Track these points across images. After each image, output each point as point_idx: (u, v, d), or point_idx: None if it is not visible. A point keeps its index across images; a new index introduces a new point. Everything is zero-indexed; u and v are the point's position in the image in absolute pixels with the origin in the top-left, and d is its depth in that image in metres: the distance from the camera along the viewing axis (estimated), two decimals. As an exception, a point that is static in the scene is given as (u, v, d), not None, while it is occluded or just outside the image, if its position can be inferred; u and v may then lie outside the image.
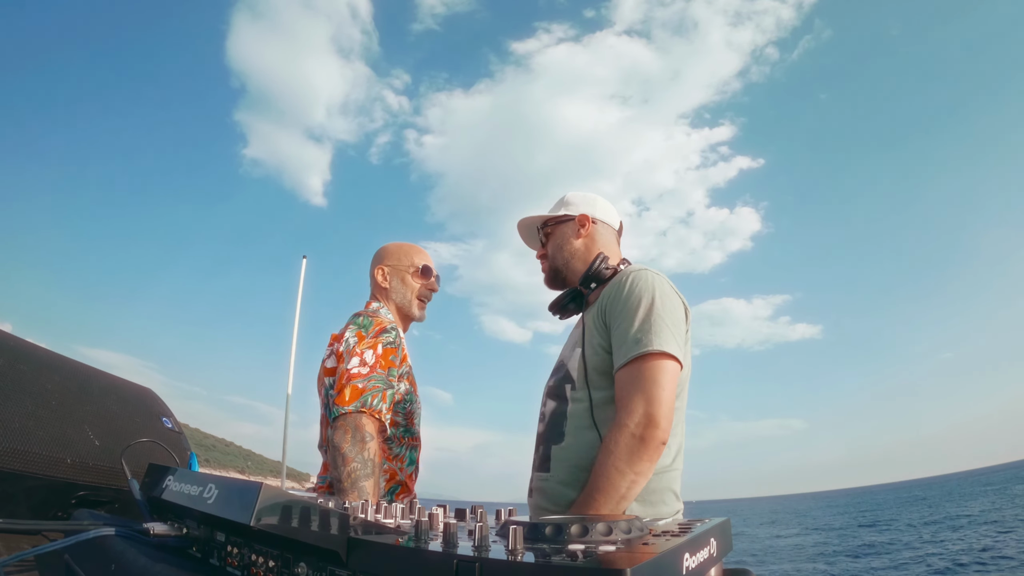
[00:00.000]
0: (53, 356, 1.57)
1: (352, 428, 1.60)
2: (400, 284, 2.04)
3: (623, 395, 1.34)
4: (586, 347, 1.49)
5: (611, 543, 0.60)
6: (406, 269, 2.05)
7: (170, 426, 1.81)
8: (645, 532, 0.66)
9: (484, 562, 0.54)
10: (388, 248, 2.11)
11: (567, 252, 1.70)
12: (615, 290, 1.48)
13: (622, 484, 1.26)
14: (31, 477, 1.27)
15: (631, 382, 1.34)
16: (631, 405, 1.30)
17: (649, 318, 1.38)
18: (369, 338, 1.79)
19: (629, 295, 1.44)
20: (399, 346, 1.85)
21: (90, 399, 1.56)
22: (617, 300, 1.45)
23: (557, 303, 1.71)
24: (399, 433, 1.88)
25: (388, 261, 2.07)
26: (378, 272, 2.05)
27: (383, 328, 1.83)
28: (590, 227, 1.70)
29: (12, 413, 1.28)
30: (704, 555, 0.64)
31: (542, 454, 1.51)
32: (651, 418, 1.28)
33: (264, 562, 0.74)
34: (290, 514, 0.68)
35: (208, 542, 0.85)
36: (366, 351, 1.75)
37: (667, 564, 0.55)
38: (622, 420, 1.30)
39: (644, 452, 1.27)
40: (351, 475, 1.53)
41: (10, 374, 1.35)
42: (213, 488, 0.78)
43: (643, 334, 1.36)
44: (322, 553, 0.68)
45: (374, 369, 1.72)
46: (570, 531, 0.62)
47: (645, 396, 1.30)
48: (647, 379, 1.32)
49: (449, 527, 0.63)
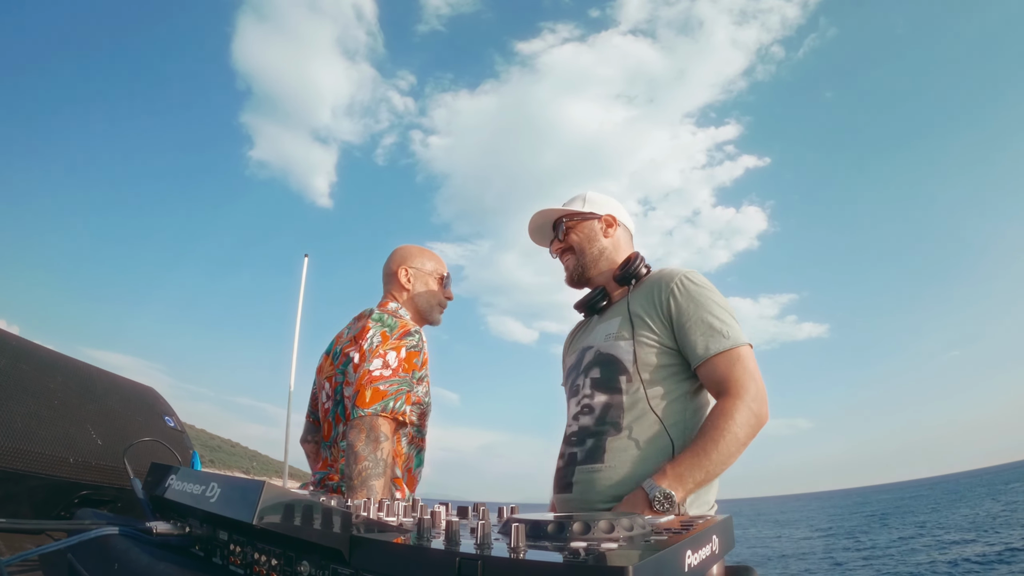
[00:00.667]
0: (55, 356, 1.57)
1: (368, 428, 1.60)
2: (424, 288, 2.02)
3: (730, 376, 1.41)
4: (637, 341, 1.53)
5: (613, 541, 0.60)
6: (430, 274, 2.04)
7: (172, 425, 1.81)
8: (647, 530, 0.66)
9: (486, 560, 0.54)
10: (411, 250, 2.09)
11: (596, 250, 1.73)
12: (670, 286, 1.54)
13: (734, 448, 1.35)
14: (34, 476, 1.27)
15: (734, 365, 1.42)
16: (743, 383, 1.39)
17: (726, 311, 1.49)
18: (393, 339, 1.77)
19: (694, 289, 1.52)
20: (422, 349, 1.83)
21: (92, 398, 1.57)
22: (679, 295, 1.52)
23: (586, 302, 1.76)
24: (412, 432, 1.88)
25: (413, 263, 2.04)
26: (402, 272, 2.02)
27: (407, 331, 1.81)
28: (617, 228, 1.75)
29: (14, 413, 1.28)
30: (706, 552, 0.64)
31: (592, 446, 1.52)
32: (763, 398, 1.40)
33: (267, 560, 0.74)
34: (292, 513, 0.68)
35: (211, 541, 0.85)
36: (389, 352, 1.73)
37: (669, 561, 0.55)
38: (740, 392, 1.38)
39: (757, 425, 1.38)
40: (362, 473, 1.54)
41: (12, 374, 1.35)
42: (216, 487, 0.78)
43: (727, 327, 1.46)
44: (325, 551, 0.68)
45: (396, 372, 1.70)
46: (572, 529, 0.62)
47: (753, 379, 1.41)
48: (749, 363, 1.43)
49: (451, 525, 0.63)
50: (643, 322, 1.54)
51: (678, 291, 1.52)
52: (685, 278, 1.54)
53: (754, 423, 1.37)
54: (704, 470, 1.33)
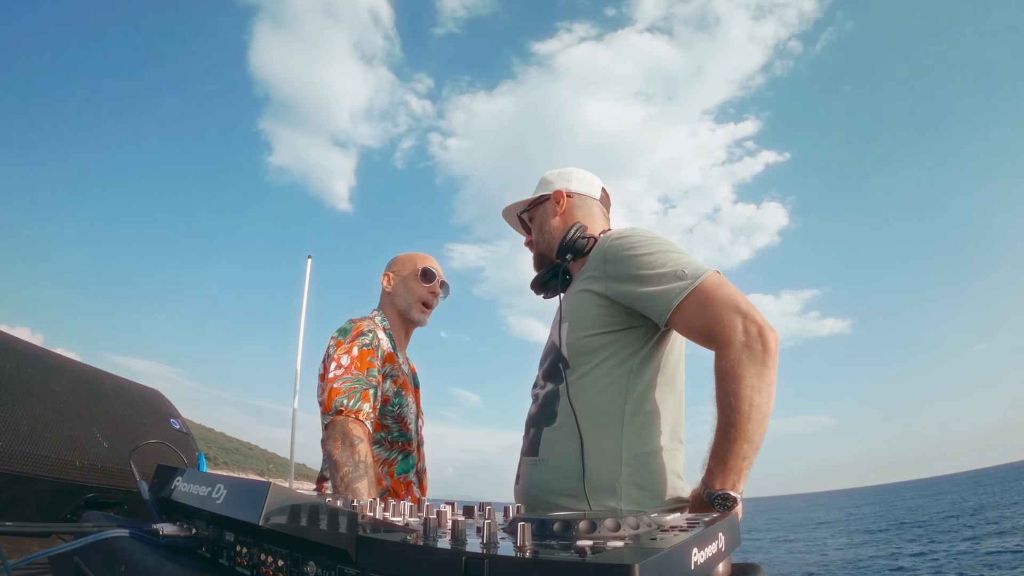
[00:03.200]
0: (61, 359, 1.58)
1: (341, 434, 1.62)
2: (403, 288, 2.06)
3: (707, 322, 1.20)
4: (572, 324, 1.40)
5: (619, 539, 0.60)
6: (408, 274, 2.07)
7: (178, 427, 1.82)
8: (653, 527, 0.66)
9: (493, 559, 0.54)
10: (398, 256, 2.14)
11: (547, 232, 1.62)
12: (607, 252, 1.38)
13: (762, 401, 1.14)
14: (40, 480, 1.28)
15: (706, 307, 1.21)
16: (727, 322, 1.17)
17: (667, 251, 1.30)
18: (346, 343, 1.81)
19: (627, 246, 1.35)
20: (377, 347, 1.86)
21: (98, 401, 1.57)
22: (614, 259, 1.35)
23: (537, 280, 1.63)
24: (391, 436, 1.88)
25: (393, 267, 2.11)
26: (384, 278, 2.10)
27: (360, 332, 1.85)
28: (565, 202, 1.61)
29: (20, 416, 1.29)
30: (712, 550, 0.64)
31: (532, 437, 1.42)
32: (756, 323, 1.16)
33: (273, 561, 0.74)
34: (299, 513, 0.68)
35: (217, 542, 0.85)
36: (342, 356, 1.78)
37: (675, 559, 0.55)
38: (728, 338, 1.16)
39: (768, 357, 1.15)
40: (344, 479, 1.55)
41: (18, 377, 1.35)
42: (222, 488, 0.78)
43: (674, 269, 1.26)
44: (331, 552, 0.68)
45: (348, 371, 1.74)
46: (578, 527, 0.62)
47: (733, 306, 1.18)
48: (723, 293, 1.20)
49: (457, 524, 0.63)
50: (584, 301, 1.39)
51: (608, 260, 1.37)
52: (612, 242, 1.39)
53: (763, 355, 1.14)
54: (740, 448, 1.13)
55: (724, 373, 1.16)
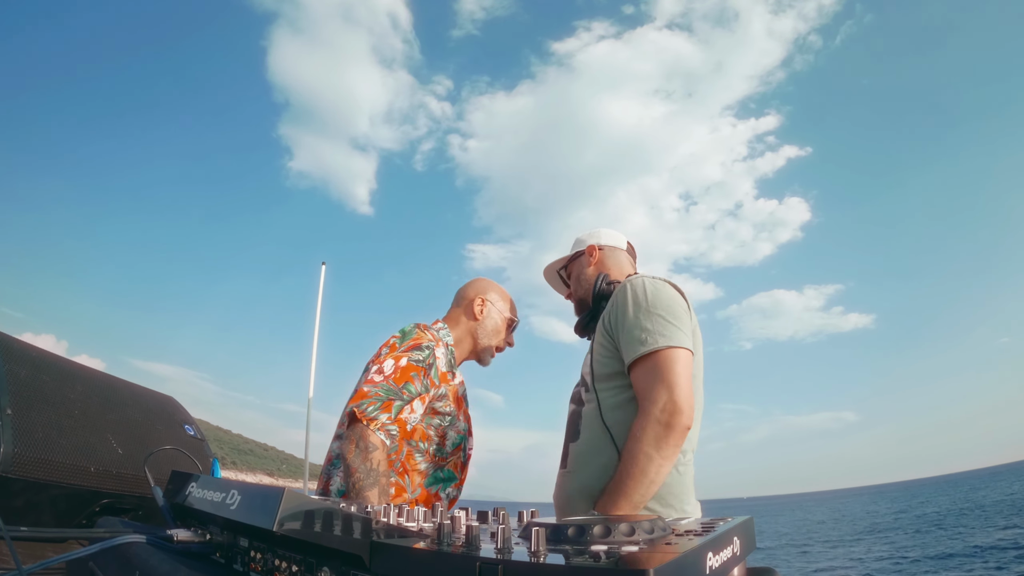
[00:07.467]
0: (75, 366, 1.60)
1: (357, 439, 1.60)
2: (492, 328, 2.01)
3: (643, 387, 1.42)
4: (593, 355, 1.62)
5: (634, 543, 0.59)
6: (501, 314, 2.03)
7: (192, 433, 1.83)
8: (668, 532, 0.66)
9: (507, 564, 0.54)
10: (494, 286, 2.09)
11: (584, 281, 1.87)
12: (616, 295, 1.61)
13: (651, 468, 1.35)
14: (55, 486, 1.29)
15: (648, 374, 1.42)
16: (653, 394, 1.38)
17: (650, 316, 1.48)
18: (399, 350, 1.76)
19: (624, 300, 1.55)
20: (430, 366, 1.80)
21: (112, 408, 1.59)
22: (614, 307, 1.58)
23: (579, 324, 1.88)
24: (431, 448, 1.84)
25: (491, 297, 2.04)
26: (479, 301, 2.01)
27: (418, 344, 1.79)
28: (597, 254, 1.88)
29: (35, 423, 1.30)
30: (727, 554, 0.63)
31: (564, 452, 1.65)
32: (675, 404, 1.36)
33: (287, 567, 0.74)
34: (313, 519, 0.68)
35: (231, 548, 0.85)
36: (388, 359, 1.74)
37: (690, 564, 0.55)
38: (647, 408, 1.37)
39: (670, 437, 1.35)
40: (355, 485, 1.55)
41: (33, 384, 1.37)
42: (236, 494, 0.79)
43: (647, 333, 1.45)
44: (345, 557, 0.68)
45: (387, 379, 1.70)
46: (593, 532, 0.61)
47: (665, 384, 1.38)
48: (664, 369, 1.40)
49: (471, 529, 0.63)
50: (599, 337, 1.61)
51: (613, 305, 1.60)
52: (622, 291, 1.59)
53: (662, 434, 1.34)
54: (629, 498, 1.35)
55: (632, 433, 1.39)
